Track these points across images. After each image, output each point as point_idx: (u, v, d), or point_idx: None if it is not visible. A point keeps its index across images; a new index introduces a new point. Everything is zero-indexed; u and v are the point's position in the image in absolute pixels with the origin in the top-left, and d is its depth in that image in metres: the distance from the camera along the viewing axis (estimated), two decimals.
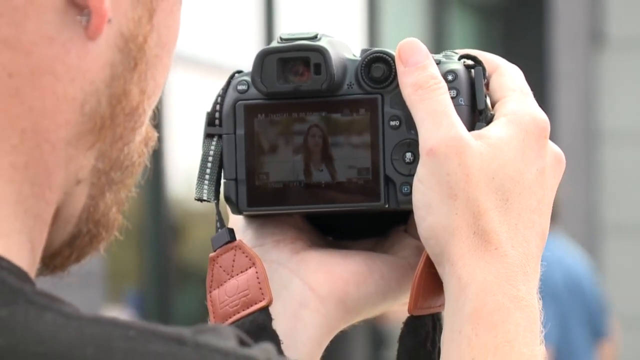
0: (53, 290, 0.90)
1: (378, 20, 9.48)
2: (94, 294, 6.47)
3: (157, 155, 7.06)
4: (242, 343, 0.89)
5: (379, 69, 1.15)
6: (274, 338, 1.12)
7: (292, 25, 8.08)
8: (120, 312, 7.21)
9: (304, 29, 1.17)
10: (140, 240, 7.40)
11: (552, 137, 1.16)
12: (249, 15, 8.20)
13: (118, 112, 0.98)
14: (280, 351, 1.09)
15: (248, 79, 1.17)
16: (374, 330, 8.13)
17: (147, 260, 7.46)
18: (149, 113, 1.03)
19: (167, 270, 7.45)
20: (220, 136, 1.17)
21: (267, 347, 0.90)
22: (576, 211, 11.07)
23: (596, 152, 12.50)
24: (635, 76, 12.70)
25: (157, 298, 7.46)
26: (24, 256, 0.94)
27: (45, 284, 0.97)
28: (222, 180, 1.18)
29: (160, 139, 1.03)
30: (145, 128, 1.03)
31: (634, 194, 12.24)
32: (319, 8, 8.77)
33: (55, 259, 1.01)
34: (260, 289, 1.13)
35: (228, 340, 0.89)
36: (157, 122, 1.03)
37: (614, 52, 12.80)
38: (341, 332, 1.18)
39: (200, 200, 1.17)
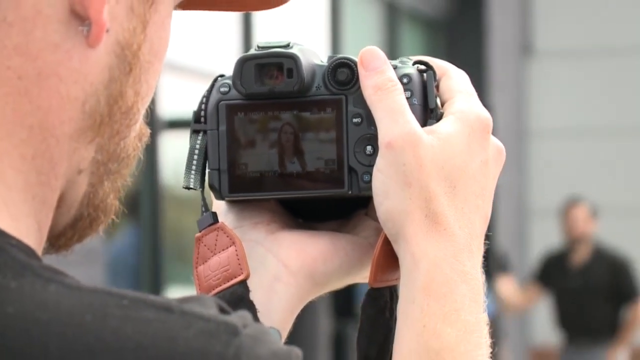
0: (59, 266, 0.89)
1: (340, 31, 9.49)
2: (97, 269, 6.46)
3: (151, 148, 7.07)
4: (222, 311, 0.88)
5: (343, 73, 1.14)
6: (251, 307, 1.10)
7: (267, 35, 8.10)
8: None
9: (278, 39, 1.16)
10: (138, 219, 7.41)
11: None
12: (230, 28, 8.20)
13: (115, 110, 0.97)
14: (256, 319, 1.08)
15: (229, 81, 1.16)
16: (338, 299, 8.13)
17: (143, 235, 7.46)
18: (143, 112, 1.01)
19: (160, 246, 7.43)
20: (205, 132, 1.16)
21: (244, 314, 0.89)
22: (508, 197, 11.12)
23: (525, 147, 12.55)
24: (558, 83, 12.76)
25: (150, 270, 7.45)
26: (32, 236, 0.93)
27: (53, 260, 0.96)
28: (207, 170, 1.16)
29: (154, 134, 1.03)
30: (139, 125, 1.02)
31: (556, 182, 12.28)
32: (290, 21, 8.77)
33: (60, 239, 1.00)
34: (240, 264, 1.12)
35: (210, 308, 0.87)
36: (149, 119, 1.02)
37: (541, 62, 12.86)
38: (310, 302, 1.17)
39: (188, 188, 1.16)
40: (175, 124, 7.51)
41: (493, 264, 9.10)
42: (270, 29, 8.36)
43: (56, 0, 0.92)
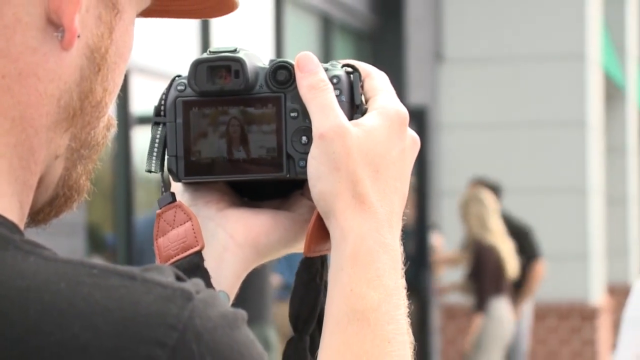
0: (42, 240, 0.88)
1: (282, 40, 9.48)
2: (78, 241, 6.41)
3: (125, 140, 7.06)
4: (179, 278, 0.87)
5: (282, 74, 1.12)
6: (205, 274, 1.09)
7: (220, 41, 8.09)
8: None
9: (227, 45, 1.15)
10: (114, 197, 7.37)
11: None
12: (190, 35, 8.17)
13: (86, 105, 0.96)
14: (209, 284, 1.08)
15: (185, 81, 1.14)
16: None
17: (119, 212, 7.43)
18: (110, 105, 1.00)
19: (133, 221, 7.39)
20: (164, 124, 1.14)
21: (197, 281, 0.88)
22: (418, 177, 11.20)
23: (436, 138, 12.59)
24: (464, 85, 12.83)
25: (125, 241, 7.41)
26: (15, 213, 0.92)
27: (42, 234, 0.96)
28: (166, 157, 1.14)
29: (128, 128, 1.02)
30: (107, 117, 1.00)
31: (463, 166, 12.34)
32: (240, 30, 8.75)
33: (39, 214, 0.99)
34: (195, 237, 1.10)
35: (168, 276, 0.87)
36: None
37: (450, 68, 12.91)
38: (255, 268, 1.17)
39: (150, 171, 1.14)
40: (145, 120, 7.51)
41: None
42: (224, 36, 8.34)
43: (34, 9, 0.91)
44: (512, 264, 9.26)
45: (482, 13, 12.90)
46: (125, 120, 7.15)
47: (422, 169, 9.56)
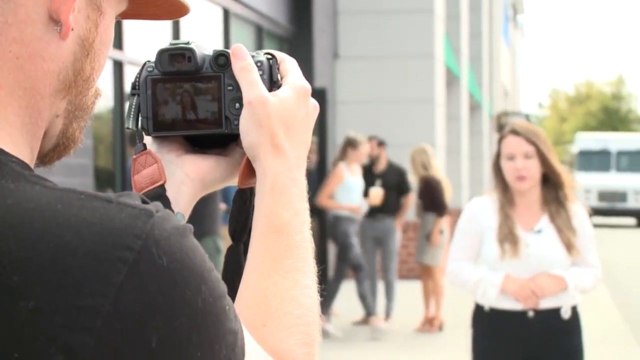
0: (61, 180, 0.83)
1: (229, 42, 9.37)
2: (87, 179, 6.32)
3: (120, 108, 6.97)
4: (144, 202, 0.84)
5: (221, 59, 1.08)
6: (166, 201, 1.05)
7: (186, 37, 8.00)
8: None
9: (185, 39, 1.11)
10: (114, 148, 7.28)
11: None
12: (167, 36, 8.06)
13: (78, 79, 0.92)
14: (170, 208, 1.04)
15: (153, 64, 1.10)
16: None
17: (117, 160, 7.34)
18: (97, 79, 0.95)
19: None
20: (138, 95, 1.10)
21: (157, 204, 0.84)
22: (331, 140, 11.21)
23: (333, 110, 12.60)
24: (353, 74, 12.85)
25: (121, 178, 7.32)
26: (26, 156, 0.89)
27: (59, 174, 0.91)
28: (139, 118, 1.10)
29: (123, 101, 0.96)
30: (95, 88, 0.96)
31: (358, 132, 12.37)
32: (199, 34, 8.65)
33: (45, 158, 0.95)
34: (160, 175, 1.07)
35: (136, 200, 0.83)
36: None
37: (343, 62, 12.91)
38: (210, 198, 1.13)
39: (128, 128, 1.10)
40: None
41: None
42: (189, 37, 8.23)
43: (40, 9, 0.87)
44: (449, 191, 9.33)
45: (364, 25, 12.93)
46: (121, 98, 7.05)
47: (322, 130, 9.55)
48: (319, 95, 9.43)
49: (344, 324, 9.13)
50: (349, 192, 8.80)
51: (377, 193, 9.01)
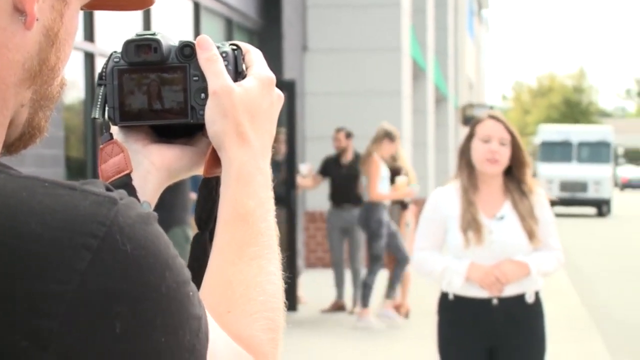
0: (33, 170, 0.82)
1: (199, 33, 9.31)
2: (59, 169, 6.27)
3: (92, 97, 6.92)
4: (108, 189, 0.82)
5: (187, 50, 1.07)
6: (133, 190, 1.04)
7: (156, 28, 7.94)
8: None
9: (152, 30, 1.10)
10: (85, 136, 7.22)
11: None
12: (135, 25, 7.98)
13: (43, 68, 0.90)
14: (136, 197, 1.03)
15: (119, 55, 1.08)
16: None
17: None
18: (62, 69, 0.94)
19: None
20: (105, 85, 1.08)
21: (122, 191, 0.83)
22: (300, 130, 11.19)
23: (302, 102, 12.59)
24: (321, 67, 12.84)
25: (92, 167, 7.26)
26: None
27: (32, 165, 0.88)
28: (106, 108, 1.08)
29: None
30: (60, 77, 0.94)
31: (318, 121, 12.38)
32: (170, 28, 8.60)
33: (11, 147, 0.93)
34: (126, 164, 1.05)
35: (100, 188, 0.82)
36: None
37: (311, 55, 12.90)
38: (180, 188, 1.12)
39: (95, 118, 1.08)
40: None
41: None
42: (160, 28, 8.18)
43: (5, 1, 0.85)
44: (413, 181, 9.32)
45: (333, 19, 12.92)
46: (92, 90, 6.98)
47: (291, 121, 9.50)
48: (288, 87, 9.38)
49: (313, 311, 9.14)
50: (382, 182, 8.75)
51: (403, 182, 9.00)
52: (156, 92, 1.07)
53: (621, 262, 14.88)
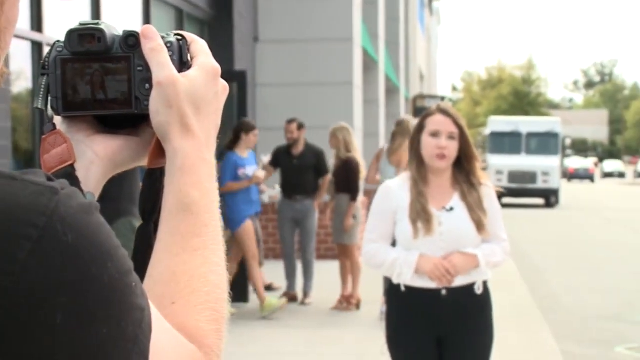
0: None
1: (150, 24, 9.23)
2: (6, 161, 6.19)
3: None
4: (49, 179, 0.82)
5: (131, 40, 1.06)
6: (76, 180, 1.03)
7: (107, 18, 7.86)
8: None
9: (96, 20, 1.08)
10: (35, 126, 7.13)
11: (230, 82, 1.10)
12: (84, 15, 7.88)
13: None
14: (80, 188, 1.01)
15: (62, 44, 1.07)
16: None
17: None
18: (3, 57, 0.93)
19: None
20: (48, 75, 1.07)
21: (63, 181, 0.82)
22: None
23: (253, 92, 12.55)
24: (272, 58, 12.81)
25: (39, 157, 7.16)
26: None
27: None
28: (49, 98, 1.07)
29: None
30: (1, 66, 0.93)
31: (269, 112, 12.34)
32: (119, 19, 8.51)
33: None
34: (69, 154, 1.04)
35: (41, 177, 0.81)
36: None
37: (262, 46, 12.86)
38: (128, 179, 1.11)
39: (37, 108, 1.07)
40: None
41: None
42: (109, 18, 8.10)
43: None
44: (364, 172, 9.32)
45: (283, 10, 12.89)
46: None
47: (242, 111, 9.46)
48: (240, 77, 9.34)
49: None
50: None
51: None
52: (100, 82, 1.06)
53: (569, 251, 15.09)
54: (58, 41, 1.08)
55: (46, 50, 6.64)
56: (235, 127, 8.83)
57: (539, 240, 16.80)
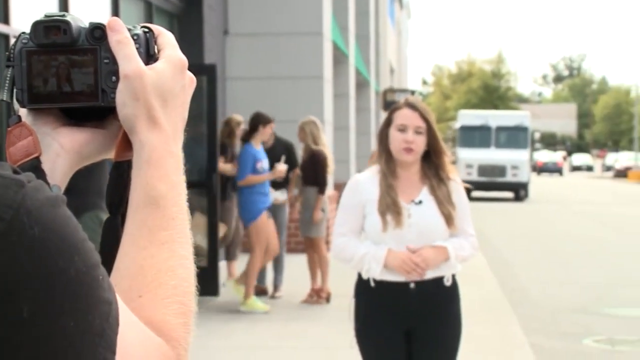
0: None
1: (118, 16, 9.16)
2: None
3: None
4: (15, 172, 0.82)
5: (97, 32, 1.06)
6: (42, 173, 1.02)
7: (74, 12, 7.79)
8: None
9: (62, 12, 1.08)
10: None
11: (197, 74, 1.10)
12: (52, 8, 7.82)
13: None
14: (46, 181, 1.01)
15: (28, 36, 1.06)
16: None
17: None
18: None
19: None
20: (13, 66, 1.06)
21: (30, 174, 0.82)
22: (221, 113, 11.11)
23: (222, 86, 12.52)
24: (242, 51, 12.78)
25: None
26: None
27: None
28: (14, 90, 1.06)
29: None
30: None
31: (238, 105, 12.32)
32: (87, 13, 8.44)
33: None
34: (35, 147, 1.04)
35: (6, 170, 0.81)
36: None
37: (232, 39, 12.82)
38: (96, 172, 1.10)
39: (2, 100, 1.06)
40: None
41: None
42: (78, 10, 8.02)
43: None
44: (331, 166, 9.30)
45: (253, 3, 12.87)
46: None
47: (211, 104, 9.42)
48: (209, 71, 9.30)
49: (233, 296, 9.12)
50: None
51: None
52: (65, 74, 1.05)
53: (538, 245, 15.20)
54: (24, 33, 1.07)
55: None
56: (251, 118, 8.81)
57: (509, 234, 16.91)
